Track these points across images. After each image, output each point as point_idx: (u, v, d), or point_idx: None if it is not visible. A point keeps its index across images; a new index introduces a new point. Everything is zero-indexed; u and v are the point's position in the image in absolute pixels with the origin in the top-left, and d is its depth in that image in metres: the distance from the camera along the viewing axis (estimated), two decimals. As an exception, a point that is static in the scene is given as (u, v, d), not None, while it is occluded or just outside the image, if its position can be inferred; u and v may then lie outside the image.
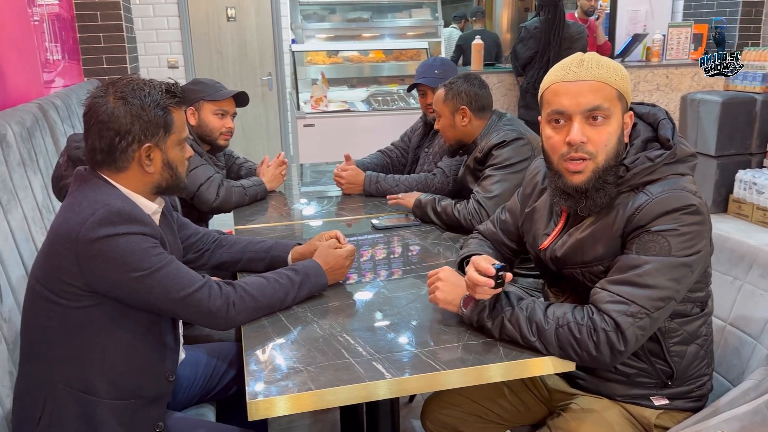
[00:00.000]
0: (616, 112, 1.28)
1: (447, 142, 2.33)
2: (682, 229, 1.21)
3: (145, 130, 1.34)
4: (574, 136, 1.26)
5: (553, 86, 1.30)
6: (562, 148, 1.29)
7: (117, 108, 1.32)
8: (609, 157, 1.28)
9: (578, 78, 1.27)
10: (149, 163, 1.37)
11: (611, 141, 1.27)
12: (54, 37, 3.31)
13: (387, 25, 5.91)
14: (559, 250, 1.39)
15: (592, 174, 1.27)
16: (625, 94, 1.30)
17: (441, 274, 1.41)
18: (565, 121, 1.29)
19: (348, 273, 1.67)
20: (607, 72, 1.27)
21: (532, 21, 4.59)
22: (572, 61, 1.30)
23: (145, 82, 1.38)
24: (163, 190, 1.43)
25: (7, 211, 1.83)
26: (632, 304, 1.21)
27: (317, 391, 1.16)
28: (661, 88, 5.14)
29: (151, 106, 1.34)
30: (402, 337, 1.36)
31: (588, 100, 1.26)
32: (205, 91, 2.41)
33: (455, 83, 2.24)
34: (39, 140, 2.35)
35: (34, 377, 1.36)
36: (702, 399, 1.42)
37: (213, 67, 5.84)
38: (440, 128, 2.31)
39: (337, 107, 4.71)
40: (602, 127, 1.27)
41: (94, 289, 1.29)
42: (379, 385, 1.19)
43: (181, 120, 1.41)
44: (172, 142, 1.39)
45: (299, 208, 2.53)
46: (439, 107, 2.28)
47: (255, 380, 1.20)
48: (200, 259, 1.75)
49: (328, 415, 2.49)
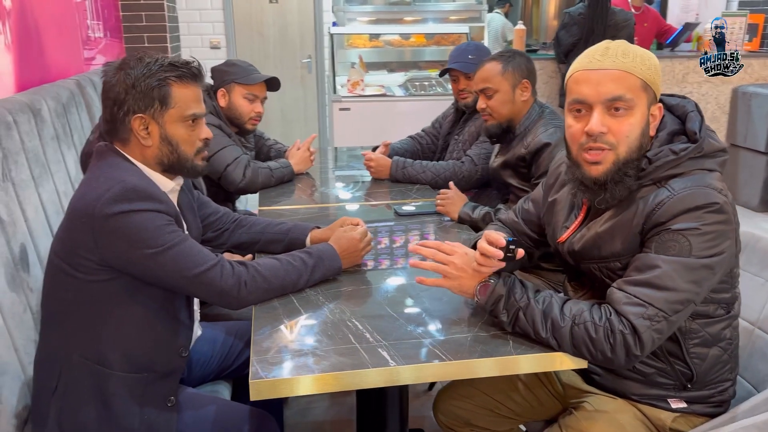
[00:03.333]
0: (640, 103, 1.22)
1: (495, 120, 2.13)
2: (704, 229, 1.16)
3: (138, 100, 1.35)
4: (593, 126, 1.21)
5: (575, 74, 1.26)
6: (581, 138, 1.25)
7: (117, 78, 1.36)
8: (631, 149, 1.23)
9: (601, 66, 1.22)
10: (146, 135, 1.38)
11: (633, 132, 1.22)
12: (96, 15, 3.37)
13: (430, 8, 5.83)
14: (577, 243, 1.35)
15: (612, 165, 1.23)
16: (652, 85, 1.24)
17: (456, 260, 1.34)
18: (586, 111, 1.24)
19: (365, 260, 1.66)
20: (633, 61, 1.22)
21: (576, 7, 4.47)
22: (597, 49, 1.26)
23: (152, 57, 1.39)
24: (168, 167, 1.43)
25: (38, 183, 1.88)
26: (650, 307, 1.16)
27: (320, 375, 1.16)
28: (711, 80, 4.94)
29: (146, 76, 1.35)
30: (411, 325, 1.34)
31: (609, 89, 1.21)
32: (238, 73, 2.42)
33: (510, 56, 2.12)
34: (74, 116, 2.40)
35: (52, 347, 1.39)
36: (723, 405, 1.36)
37: (254, 48, 5.88)
38: (492, 105, 2.11)
39: (374, 91, 4.68)
40: (624, 118, 1.22)
41: (109, 263, 1.31)
42: (377, 372, 1.18)
43: (185, 96, 1.40)
44: (171, 117, 1.39)
45: (325, 191, 2.53)
46: (496, 81, 2.09)
47: (260, 361, 1.20)
48: (219, 238, 1.76)
49: (346, 398, 2.50)
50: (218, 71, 2.47)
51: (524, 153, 2.05)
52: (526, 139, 2.05)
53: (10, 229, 1.60)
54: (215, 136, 2.32)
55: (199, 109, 1.43)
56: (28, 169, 1.82)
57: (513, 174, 2.13)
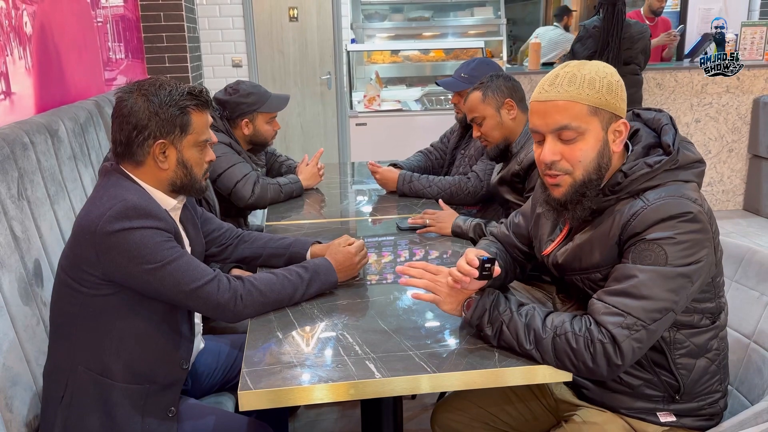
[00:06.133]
0: (591, 127, 1.25)
1: (491, 145, 2.19)
2: (678, 238, 1.17)
3: (161, 127, 1.41)
4: (544, 156, 1.28)
5: (531, 104, 1.32)
6: (542, 164, 1.30)
7: (137, 104, 1.41)
8: (588, 171, 1.27)
9: (547, 98, 1.27)
10: (164, 159, 1.44)
11: (587, 156, 1.26)
12: (117, 37, 3.50)
13: (449, 24, 5.89)
14: (561, 256, 1.37)
15: (569, 188, 1.28)
16: (605, 107, 1.25)
17: (442, 279, 1.38)
18: (541, 139, 1.30)
19: (366, 274, 1.70)
20: (579, 88, 1.24)
21: (591, 20, 4.47)
22: (547, 78, 1.30)
23: (170, 83, 1.46)
24: (179, 189, 1.50)
25: (54, 201, 1.96)
26: (628, 316, 1.18)
27: (306, 387, 1.20)
28: (731, 90, 4.89)
29: (169, 104, 1.42)
30: (400, 338, 1.37)
31: (555, 120, 1.26)
32: (258, 102, 2.49)
33: (487, 81, 2.17)
34: (92, 135, 2.49)
35: (59, 359, 1.46)
36: (714, 418, 1.36)
37: (275, 66, 5.99)
38: (485, 132, 2.18)
39: (390, 106, 4.74)
40: (575, 144, 1.26)
41: (110, 278, 1.37)
42: (364, 384, 1.21)
43: (201, 123, 1.48)
44: (189, 143, 1.46)
45: (332, 206, 2.58)
46: (480, 109, 2.16)
47: (250, 372, 1.25)
48: (223, 253, 1.82)
49: (354, 410, 2.52)
50: (234, 103, 2.48)
51: (518, 169, 2.08)
52: (520, 155, 2.09)
53: (25, 245, 1.68)
54: (225, 154, 2.40)
55: (209, 135, 1.52)
56: (44, 188, 1.91)
57: (509, 190, 2.16)
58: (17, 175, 1.74)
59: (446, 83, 2.54)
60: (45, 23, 2.41)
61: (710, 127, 4.97)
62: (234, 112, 2.48)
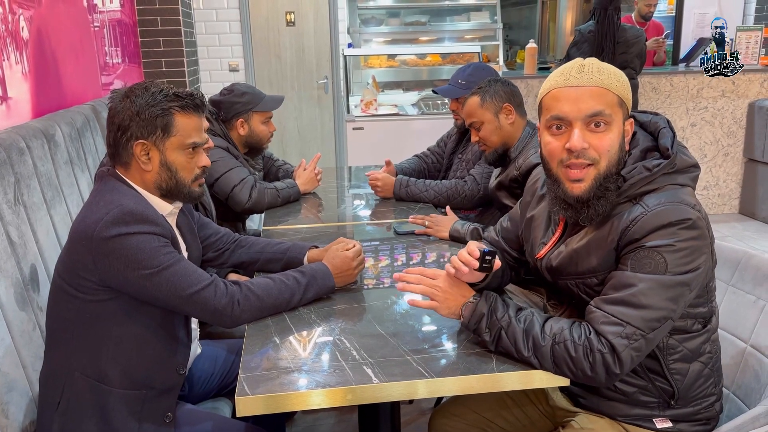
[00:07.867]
0: (617, 118, 1.25)
1: (490, 149, 2.20)
2: (678, 245, 1.17)
3: (141, 127, 1.42)
4: (576, 142, 1.23)
5: (553, 92, 1.28)
6: (561, 154, 1.27)
7: (122, 106, 1.42)
8: (611, 163, 1.25)
9: (579, 83, 1.24)
10: (147, 161, 1.44)
11: (614, 147, 1.25)
12: (114, 42, 3.50)
13: (446, 28, 5.90)
14: (555, 259, 1.37)
15: (594, 182, 1.24)
16: (626, 101, 1.27)
17: (440, 284, 1.37)
18: (566, 128, 1.26)
19: (363, 278, 1.70)
20: (609, 78, 1.24)
21: (587, 24, 4.48)
22: (573, 66, 1.28)
23: (157, 87, 1.46)
24: (166, 192, 1.49)
25: (50, 206, 1.96)
26: (627, 326, 1.18)
27: (303, 392, 1.19)
28: (727, 95, 4.91)
29: (151, 105, 1.42)
30: (397, 342, 1.37)
31: (589, 106, 1.23)
32: (252, 102, 2.52)
33: (486, 87, 2.19)
34: (89, 140, 2.49)
35: (55, 364, 1.45)
36: (710, 422, 1.36)
37: (272, 70, 5.99)
38: (483, 136, 2.19)
39: (387, 111, 4.75)
40: (604, 133, 1.24)
41: (107, 284, 1.37)
42: (361, 389, 1.21)
43: (186, 125, 1.46)
44: (172, 145, 1.45)
45: (329, 211, 2.58)
46: (479, 114, 2.17)
47: (247, 378, 1.24)
48: (220, 257, 1.82)
49: (352, 415, 2.52)
50: (229, 103, 2.51)
51: (516, 174, 2.08)
52: (518, 161, 2.09)
53: (21, 250, 1.67)
54: (222, 158, 2.40)
55: (199, 138, 1.50)
56: (41, 193, 1.90)
57: (508, 195, 2.16)
58: (14, 180, 1.73)
59: (444, 91, 2.55)
60: (42, 28, 2.41)
61: (706, 131, 4.99)
62: (229, 112, 2.51)
